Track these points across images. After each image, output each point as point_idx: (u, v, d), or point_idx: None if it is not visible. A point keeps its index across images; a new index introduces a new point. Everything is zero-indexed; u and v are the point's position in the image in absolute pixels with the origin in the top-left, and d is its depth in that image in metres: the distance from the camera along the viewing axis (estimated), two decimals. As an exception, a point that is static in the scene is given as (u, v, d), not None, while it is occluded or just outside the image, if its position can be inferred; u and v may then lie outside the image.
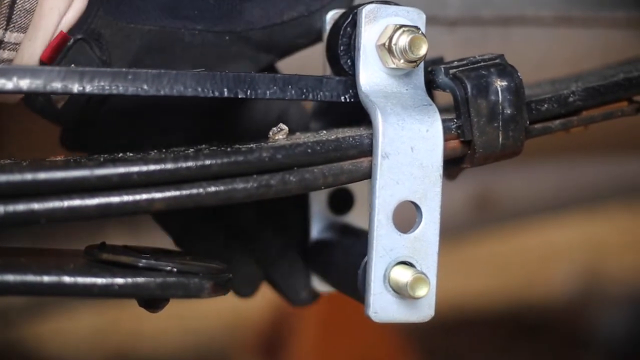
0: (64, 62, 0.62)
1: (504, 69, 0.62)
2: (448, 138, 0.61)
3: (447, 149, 0.61)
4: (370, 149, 0.60)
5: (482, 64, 0.62)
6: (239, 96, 0.61)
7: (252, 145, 0.60)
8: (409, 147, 0.60)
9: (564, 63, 0.96)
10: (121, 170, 0.55)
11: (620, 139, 1.12)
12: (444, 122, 0.61)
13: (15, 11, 0.60)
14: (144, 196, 0.56)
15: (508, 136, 0.62)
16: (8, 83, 0.56)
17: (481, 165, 0.63)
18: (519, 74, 0.62)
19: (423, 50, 0.61)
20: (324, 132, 0.66)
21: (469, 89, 0.61)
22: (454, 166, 0.63)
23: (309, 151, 0.59)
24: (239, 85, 0.61)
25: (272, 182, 0.58)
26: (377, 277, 0.60)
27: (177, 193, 0.56)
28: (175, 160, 0.56)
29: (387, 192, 0.60)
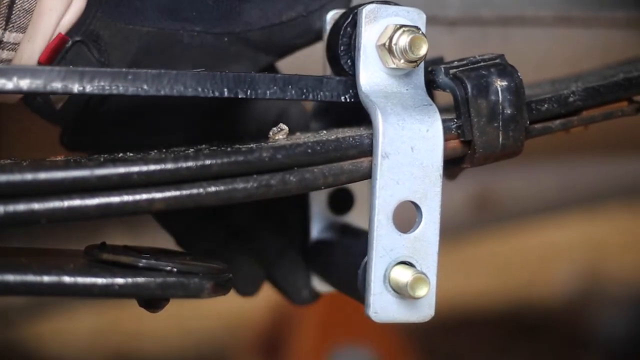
0: (62, 64, 0.62)
1: (504, 69, 0.62)
2: (448, 138, 0.61)
3: (447, 149, 0.61)
4: (370, 149, 0.60)
5: (482, 64, 0.62)
6: (239, 96, 0.60)
7: (252, 145, 0.60)
8: (409, 147, 0.60)
9: (564, 63, 0.96)
10: (121, 170, 0.55)
11: (620, 139, 1.12)
12: (444, 122, 0.61)
13: (14, 11, 0.60)
14: (144, 196, 0.56)
15: (508, 136, 0.62)
16: (8, 83, 0.56)
17: (481, 165, 0.63)
18: (519, 74, 0.62)
19: (423, 50, 0.61)
20: (324, 132, 0.66)
21: (469, 89, 0.61)
22: (454, 166, 0.63)
23: (309, 151, 0.59)
24: (239, 85, 0.61)
25: (272, 182, 0.58)
26: (377, 277, 0.60)
27: (177, 193, 0.56)
28: (175, 160, 0.56)
29: (387, 192, 0.60)
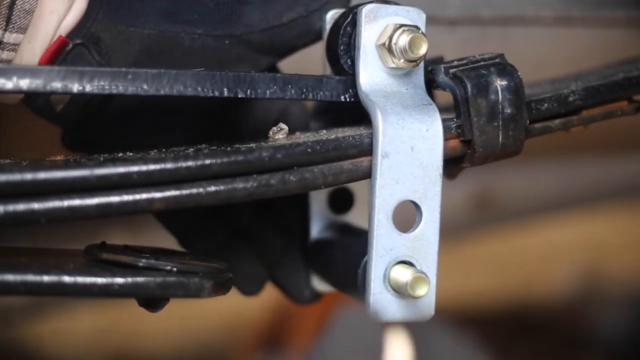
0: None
1: (504, 69, 0.62)
2: (448, 137, 0.61)
3: (447, 149, 0.61)
4: (370, 149, 0.60)
5: (482, 64, 0.62)
6: (239, 96, 0.60)
7: (252, 144, 0.60)
8: (409, 147, 0.60)
9: (564, 62, 0.96)
10: (121, 169, 0.55)
11: (620, 139, 1.12)
12: (444, 122, 0.61)
13: (14, 12, 0.60)
14: (144, 196, 0.56)
15: (508, 135, 0.62)
16: (8, 82, 0.56)
17: (481, 164, 0.63)
18: (519, 74, 0.62)
19: (423, 49, 0.61)
20: (324, 132, 0.66)
21: (469, 89, 0.61)
22: (454, 165, 0.63)
23: (309, 151, 0.59)
24: (239, 84, 0.61)
25: (272, 182, 0.57)
26: (377, 277, 0.60)
27: (177, 193, 0.56)
28: (175, 159, 0.56)
29: (387, 192, 0.60)
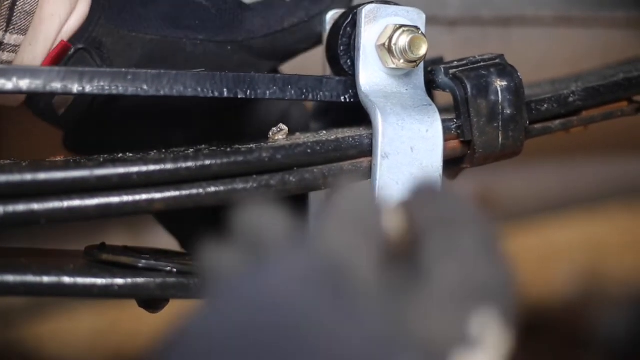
0: None
1: (504, 69, 0.62)
2: (448, 138, 0.61)
3: (447, 149, 0.61)
4: (370, 149, 0.60)
5: (482, 64, 0.62)
6: (239, 96, 0.60)
7: (252, 145, 0.60)
8: (409, 147, 0.60)
9: (564, 63, 0.96)
10: (121, 170, 0.55)
11: (620, 139, 1.12)
12: (444, 122, 0.61)
13: (15, 13, 0.60)
14: (144, 196, 0.56)
15: (508, 136, 0.62)
16: (8, 83, 0.56)
17: (481, 165, 0.63)
18: (519, 74, 0.62)
19: (423, 50, 0.61)
20: (324, 133, 0.66)
21: (469, 89, 0.61)
22: (454, 166, 0.63)
23: (309, 151, 0.59)
24: (239, 85, 0.61)
25: (272, 183, 0.57)
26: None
27: (177, 193, 0.56)
28: (175, 160, 0.56)
29: (387, 193, 0.60)
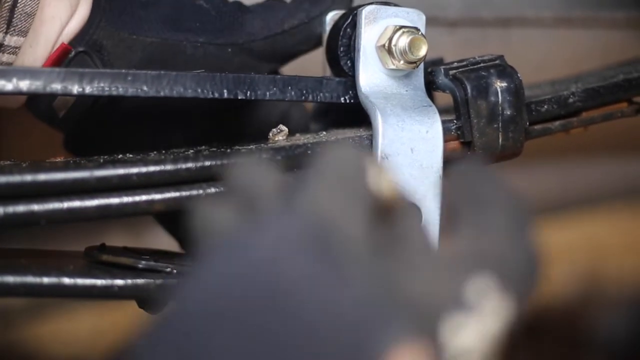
0: None
1: (504, 70, 0.62)
2: (448, 139, 0.61)
3: (447, 150, 0.61)
4: (370, 150, 0.60)
5: (482, 65, 0.62)
6: (239, 97, 0.60)
7: (252, 146, 0.60)
8: (409, 148, 0.60)
9: (564, 64, 0.96)
10: (121, 171, 0.55)
11: (620, 140, 1.12)
12: (444, 123, 0.61)
13: (15, 14, 0.60)
14: (144, 197, 0.56)
15: (508, 137, 0.62)
16: (8, 84, 0.56)
17: (481, 166, 0.63)
18: (519, 75, 0.62)
19: (423, 51, 0.61)
20: (324, 134, 0.66)
21: (469, 90, 0.61)
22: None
23: (309, 152, 0.59)
24: (239, 86, 0.61)
25: (272, 183, 0.57)
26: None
27: (177, 194, 0.56)
28: (174, 161, 0.56)
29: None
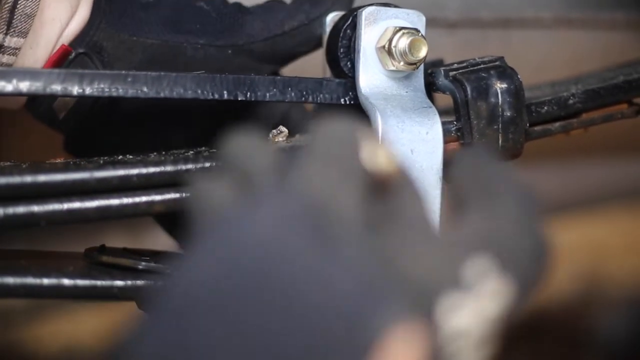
0: None
1: (504, 71, 0.62)
2: (448, 140, 0.61)
3: (447, 152, 0.61)
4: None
5: (482, 66, 0.62)
6: (239, 98, 0.60)
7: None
8: (409, 150, 0.60)
9: (564, 65, 0.96)
10: (121, 172, 0.55)
11: (620, 141, 1.12)
12: (444, 125, 0.61)
13: (15, 15, 0.60)
14: (144, 198, 0.56)
15: (508, 138, 0.62)
16: (8, 85, 0.56)
17: (481, 167, 0.63)
18: (519, 76, 0.62)
19: (423, 52, 0.61)
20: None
21: (469, 91, 0.61)
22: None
23: (309, 153, 0.58)
24: (239, 87, 0.61)
25: (272, 185, 0.57)
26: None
27: (177, 195, 0.56)
28: (174, 162, 0.56)
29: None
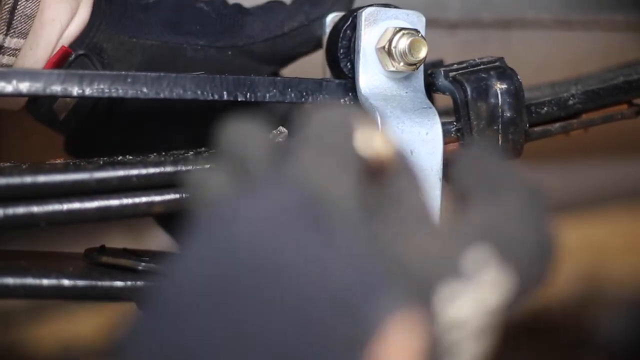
0: None
1: (504, 72, 0.62)
2: (448, 141, 0.61)
3: (447, 152, 0.61)
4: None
5: (482, 67, 0.62)
6: (239, 99, 0.60)
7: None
8: (409, 150, 0.60)
9: (564, 66, 0.96)
10: (120, 173, 0.55)
11: (620, 142, 1.12)
12: (444, 125, 0.61)
13: (15, 16, 0.60)
14: (143, 199, 0.56)
15: (508, 139, 0.62)
16: (8, 86, 0.56)
17: (481, 168, 0.63)
18: (519, 77, 0.62)
19: (423, 53, 0.61)
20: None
21: (469, 92, 0.61)
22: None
23: (309, 154, 0.58)
24: (239, 88, 0.61)
25: (272, 185, 0.57)
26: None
27: (177, 196, 0.56)
28: (174, 163, 0.56)
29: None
